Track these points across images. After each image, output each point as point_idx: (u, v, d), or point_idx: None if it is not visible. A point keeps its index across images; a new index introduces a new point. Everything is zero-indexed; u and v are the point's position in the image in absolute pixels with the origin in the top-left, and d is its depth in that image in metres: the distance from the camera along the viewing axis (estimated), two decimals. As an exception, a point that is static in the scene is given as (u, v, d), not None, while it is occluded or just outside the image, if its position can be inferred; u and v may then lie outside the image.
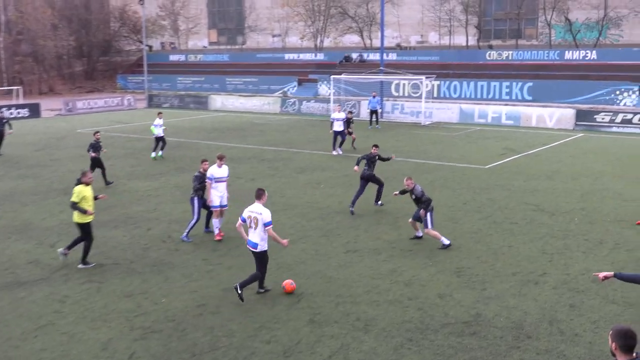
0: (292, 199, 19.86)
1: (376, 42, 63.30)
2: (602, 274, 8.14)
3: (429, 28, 64.66)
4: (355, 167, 18.95)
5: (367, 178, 18.43)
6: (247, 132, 37.15)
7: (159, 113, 28.37)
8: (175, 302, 11.82)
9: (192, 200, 15.82)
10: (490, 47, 56.89)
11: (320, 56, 60.62)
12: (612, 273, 8.13)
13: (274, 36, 73.93)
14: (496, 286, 12.44)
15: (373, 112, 38.02)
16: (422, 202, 15.02)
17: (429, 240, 15.51)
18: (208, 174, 15.61)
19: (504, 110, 40.36)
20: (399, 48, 62.45)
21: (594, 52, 47.75)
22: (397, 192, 16.21)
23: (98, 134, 22.52)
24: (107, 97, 53.60)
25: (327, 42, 69.03)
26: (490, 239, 15.73)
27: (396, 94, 48.44)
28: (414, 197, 15.17)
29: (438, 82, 47.14)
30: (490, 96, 45.45)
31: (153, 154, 27.52)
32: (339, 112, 29.23)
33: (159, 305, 11.68)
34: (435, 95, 46.33)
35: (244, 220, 11.84)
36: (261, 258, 11.96)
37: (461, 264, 13.76)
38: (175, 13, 77.82)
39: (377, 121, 37.96)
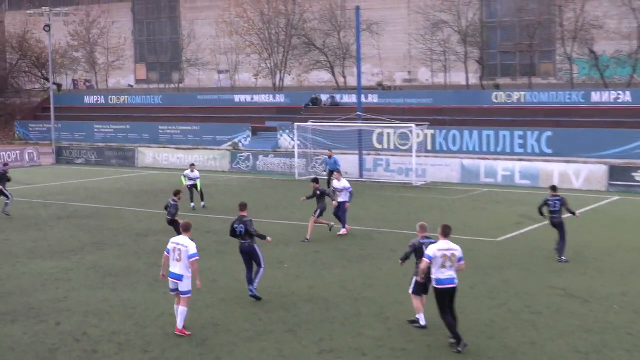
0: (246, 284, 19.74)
1: (352, 81, 63.93)
2: None
3: (419, 63, 65.96)
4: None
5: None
6: (187, 196, 36.78)
7: (192, 165, 33.61)
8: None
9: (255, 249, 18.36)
10: (497, 87, 57.95)
11: (280, 98, 61.45)
12: None
13: (220, 72, 75.05)
14: (518, 396, 12.33)
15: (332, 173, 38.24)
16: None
17: (430, 332, 15.39)
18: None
19: (517, 166, 40.59)
20: (381, 88, 63.63)
21: (628, 93, 48.87)
22: (402, 261, 16.61)
23: (7, 165, 22.43)
24: (1, 151, 53.39)
25: (288, 81, 70.00)
26: (506, 334, 15.67)
27: (379, 146, 48.90)
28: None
29: (432, 131, 47.69)
30: (499, 149, 46.05)
31: (192, 205, 32.34)
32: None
33: None
34: (429, 147, 46.81)
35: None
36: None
37: (471, 368, 13.65)
38: (91, 43, 78.41)
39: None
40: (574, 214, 23.01)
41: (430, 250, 14.78)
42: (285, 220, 29.53)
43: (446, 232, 14.92)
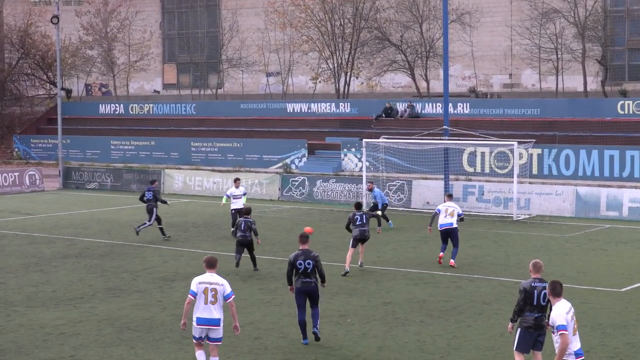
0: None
1: (436, 86, 64.28)
2: None
3: (523, 63, 65.72)
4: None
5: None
6: (226, 230, 36.95)
7: (237, 180, 35.48)
8: None
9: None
10: (624, 95, 57.42)
11: (344, 108, 61.48)
12: None
13: (269, 75, 75.32)
14: None
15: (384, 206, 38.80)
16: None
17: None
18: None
19: (649, 196, 40.69)
20: (474, 95, 63.35)
21: None
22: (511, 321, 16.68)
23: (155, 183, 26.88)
24: (-4, 172, 54.25)
25: (355, 86, 70.22)
26: (631, 411, 15.49)
27: (470, 170, 48.81)
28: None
29: (539, 151, 47.46)
30: (625, 174, 45.68)
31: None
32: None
33: None
34: (534, 171, 46.55)
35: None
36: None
37: None
38: (109, 38, 79.48)
39: (379, 221, 36.68)
40: None
41: (559, 318, 14.62)
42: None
43: (557, 292, 14.90)
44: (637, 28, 62.73)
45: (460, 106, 55.82)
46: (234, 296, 16.94)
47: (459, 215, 29.12)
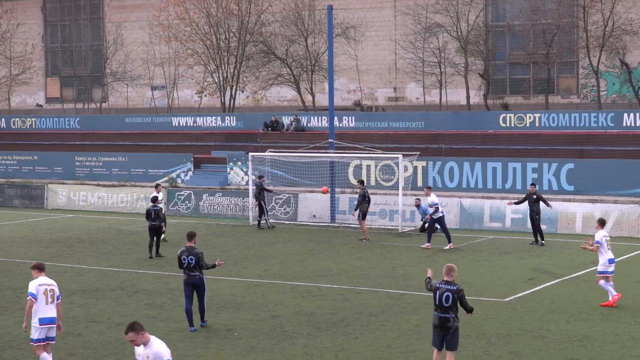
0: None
1: (322, 99, 64.28)
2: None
3: (407, 77, 65.80)
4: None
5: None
6: (111, 245, 36.86)
7: (158, 185, 37.62)
8: None
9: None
10: (506, 108, 58.08)
11: (230, 121, 61.20)
12: None
13: (154, 89, 74.56)
14: None
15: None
16: None
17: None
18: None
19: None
20: (359, 108, 63.59)
21: (669, 115, 49.35)
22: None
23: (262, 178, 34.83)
24: None
25: (241, 100, 70.01)
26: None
27: (356, 183, 48.69)
28: None
29: (424, 163, 47.64)
30: (508, 185, 46.01)
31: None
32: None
33: None
34: (419, 184, 46.58)
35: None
36: None
37: None
38: (-11, 49, 77.99)
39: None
40: None
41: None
42: (235, 276, 29.46)
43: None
44: (518, 42, 63.31)
45: (345, 119, 56.05)
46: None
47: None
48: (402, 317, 23.58)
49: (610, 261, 24.91)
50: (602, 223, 25.73)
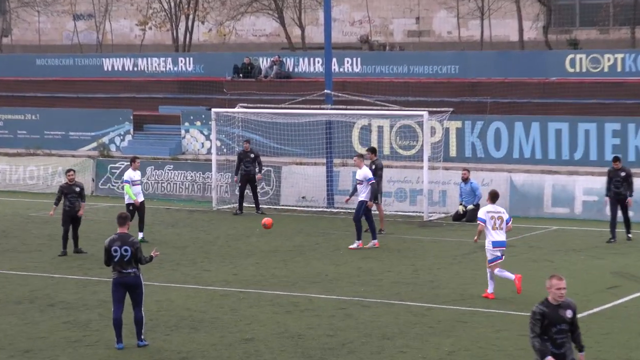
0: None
1: (315, 34, 60.66)
2: None
3: (435, 2, 62.22)
4: None
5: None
6: (16, 239, 34.11)
7: (135, 159, 33.15)
8: None
9: None
10: (575, 46, 54.49)
11: (185, 65, 56.66)
12: None
13: (77, 18, 70.00)
14: None
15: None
16: None
17: None
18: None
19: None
20: (366, 47, 59.89)
21: None
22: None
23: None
24: None
25: (201, 34, 65.69)
26: None
27: (363, 151, 44.40)
28: None
29: (458, 124, 44.03)
30: (577, 155, 42.43)
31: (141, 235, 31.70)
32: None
33: None
34: (452, 153, 43.30)
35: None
36: None
37: None
38: None
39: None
40: None
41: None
42: (193, 283, 26.53)
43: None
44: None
45: (348, 62, 51.87)
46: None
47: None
48: (429, 341, 20.88)
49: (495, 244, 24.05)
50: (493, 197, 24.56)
